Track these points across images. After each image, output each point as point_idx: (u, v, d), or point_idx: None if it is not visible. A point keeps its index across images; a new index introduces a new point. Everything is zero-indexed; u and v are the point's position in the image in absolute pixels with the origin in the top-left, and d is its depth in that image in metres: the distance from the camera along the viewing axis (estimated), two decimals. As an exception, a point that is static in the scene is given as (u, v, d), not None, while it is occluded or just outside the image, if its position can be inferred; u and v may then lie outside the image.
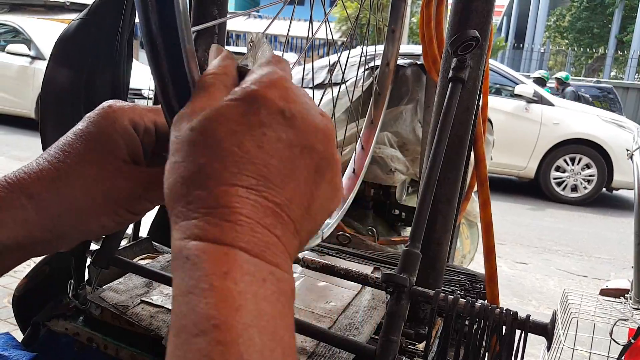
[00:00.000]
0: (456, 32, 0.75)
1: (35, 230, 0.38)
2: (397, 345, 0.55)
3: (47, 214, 0.38)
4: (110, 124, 0.41)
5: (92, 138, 0.40)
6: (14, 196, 0.37)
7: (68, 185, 0.38)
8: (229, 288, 0.25)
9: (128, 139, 0.41)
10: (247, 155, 0.28)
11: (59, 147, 0.40)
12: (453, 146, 0.78)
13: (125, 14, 0.76)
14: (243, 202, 0.27)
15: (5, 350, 0.72)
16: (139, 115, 0.43)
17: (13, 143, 6.62)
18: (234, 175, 0.28)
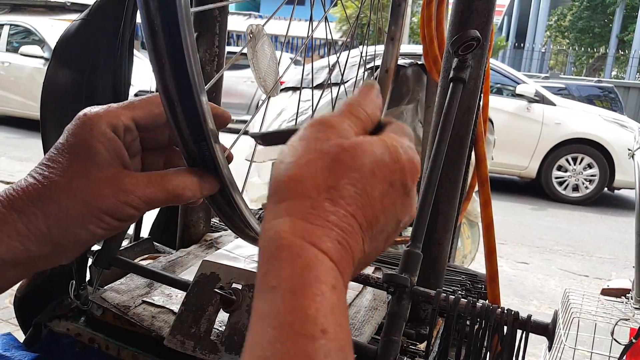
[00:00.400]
0: (457, 32, 0.75)
1: (30, 244, 0.39)
2: (399, 346, 0.55)
3: (37, 228, 0.39)
4: (88, 132, 0.41)
5: (72, 150, 0.41)
6: (6, 212, 0.39)
7: (52, 199, 0.40)
8: (334, 301, 0.29)
9: (108, 144, 0.42)
10: (371, 199, 0.34)
11: (43, 164, 0.42)
12: (454, 146, 0.78)
13: (126, 14, 0.76)
14: (355, 233, 0.33)
15: (7, 351, 0.72)
16: (115, 116, 0.43)
17: (14, 144, 6.63)
18: (357, 207, 0.33)
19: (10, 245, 0.38)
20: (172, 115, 0.39)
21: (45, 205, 0.40)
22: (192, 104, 0.38)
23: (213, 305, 0.64)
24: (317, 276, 0.29)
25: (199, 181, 0.43)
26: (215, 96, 0.87)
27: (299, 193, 0.33)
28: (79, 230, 0.40)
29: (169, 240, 0.97)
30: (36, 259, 0.40)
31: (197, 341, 0.63)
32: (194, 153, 0.42)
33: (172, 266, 0.85)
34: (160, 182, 0.42)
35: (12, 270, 0.40)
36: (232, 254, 0.86)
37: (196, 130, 0.40)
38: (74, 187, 0.40)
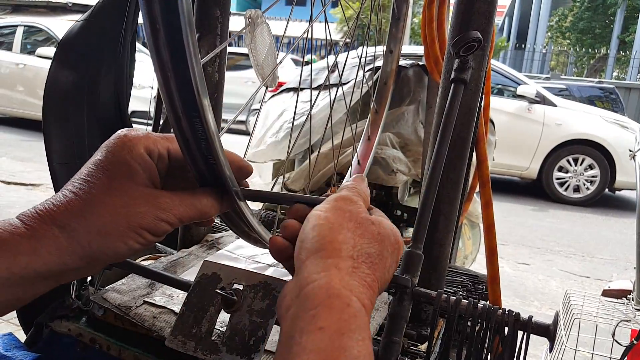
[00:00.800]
0: (458, 33, 0.76)
1: (67, 258, 0.41)
2: (400, 346, 0.55)
3: (78, 242, 0.41)
4: (128, 152, 0.44)
5: (111, 167, 0.44)
6: (47, 227, 0.40)
7: (95, 214, 0.42)
8: (370, 348, 0.35)
9: (145, 166, 0.45)
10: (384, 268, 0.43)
11: (82, 179, 0.44)
12: (455, 147, 0.78)
13: (127, 15, 0.76)
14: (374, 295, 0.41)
15: (9, 351, 0.72)
16: (153, 142, 0.46)
17: (15, 144, 6.63)
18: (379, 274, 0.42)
19: (48, 260, 0.40)
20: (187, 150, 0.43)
21: (88, 221, 0.41)
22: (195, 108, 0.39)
23: (214, 305, 0.64)
24: (360, 325, 0.35)
25: (220, 199, 0.48)
26: (216, 97, 0.87)
27: (342, 253, 0.40)
28: (119, 244, 0.43)
29: (170, 241, 0.97)
30: (69, 272, 0.42)
31: (198, 342, 0.63)
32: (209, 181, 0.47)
33: (174, 266, 0.85)
34: (192, 202, 0.46)
35: (43, 283, 0.41)
36: (233, 254, 0.87)
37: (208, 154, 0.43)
38: (116, 203, 0.42)
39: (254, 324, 0.61)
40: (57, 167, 0.75)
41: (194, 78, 0.38)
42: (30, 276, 0.40)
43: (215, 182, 0.46)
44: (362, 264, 0.41)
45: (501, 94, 6.55)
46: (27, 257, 0.39)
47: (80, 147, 0.76)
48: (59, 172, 0.76)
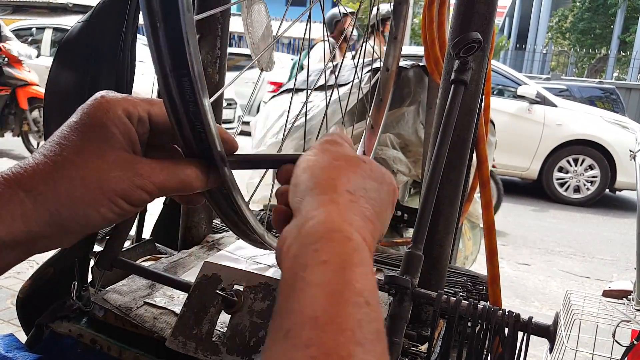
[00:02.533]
0: (458, 34, 0.76)
1: (34, 225, 0.38)
2: (400, 347, 0.55)
3: (45, 207, 0.38)
4: (104, 114, 0.41)
5: (86, 129, 0.40)
6: (12, 192, 0.37)
7: (65, 177, 0.38)
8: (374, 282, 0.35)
9: (123, 128, 0.41)
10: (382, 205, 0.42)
11: (54, 141, 0.40)
12: (455, 148, 0.78)
13: (128, 16, 0.76)
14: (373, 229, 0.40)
15: (10, 352, 0.72)
16: (132, 104, 0.43)
17: (16, 145, 6.63)
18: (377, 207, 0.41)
19: (12, 227, 0.37)
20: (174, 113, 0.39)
21: (57, 185, 0.38)
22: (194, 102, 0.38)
23: (215, 306, 0.64)
24: (363, 259, 0.34)
25: (206, 172, 0.44)
26: (217, 98, 0.88)
27: (339, 188, 0.39)
28: (90, 212, 0.39)
29: (170, 242, 0.97)
30: (37, 240, 0.39)
31: (199, 342, 0.63)
32: (196, 152, 0.43)
33: (174, 267, 0.85)
34: (174, 170, 0.42)
35: (11, 252, 0.38)
36: (233, 255, 0.87)
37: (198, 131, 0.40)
38: (89, 167, 0.39)
39: (254, 324, 0.61)
40: (58, 168, 0.75)
41: (203, 114, 0.38)
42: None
43: (202, 153, 0.43)
44: (360, 197, 0.40)
45: (501, 94, 6.54)
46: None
47: (81, 148, 0.76)
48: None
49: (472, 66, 0.68)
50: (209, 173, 0.44)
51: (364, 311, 0.31)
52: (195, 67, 0.36)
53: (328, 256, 0.33)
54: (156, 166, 0.42)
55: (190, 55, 0.36)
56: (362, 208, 0.39)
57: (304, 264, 0.34)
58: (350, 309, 0.31)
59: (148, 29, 0.35)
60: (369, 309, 0.32)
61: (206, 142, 0.41)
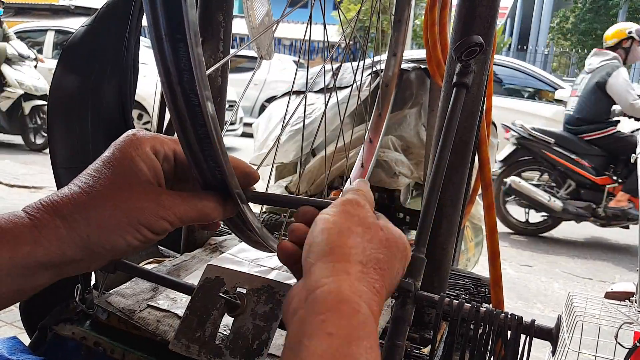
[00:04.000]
0: (460, 37, 0.76)
1: (67, 248, 0.41)
2: (403, 350, 0.55)
3: (78, 233, 0.42)
4: (134, 150, 0.45)
5: (118, 164, 0.44)
6: (49, 217, 0.41)
7: (97, 207, 0.42)
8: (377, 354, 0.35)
9: (149, 164, 0.45)
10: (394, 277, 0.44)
11: (88, 174, 0.44)
12: (457, 150, 0.78)
13: (131, 19, 0.76)
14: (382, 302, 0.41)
15: (13, 355, 0.73)
16: (160, 143, 0.47)
17: (18, 146, 6.65)
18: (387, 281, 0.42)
19: (49, 249, 0.41)
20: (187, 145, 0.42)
21: (88, 213, 0.42)
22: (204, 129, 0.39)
23: (218, 309, 0.65)
24: (369, 332, 0.36)
25: (223, 205, 0.48)
26: (220, 101, 0.88)
27: (352, 258, 0.40)
28: (117, 239, 0.43)
29: (173, 244, 0.97)
30: (68, 264, 0.42)
31: (202, 345, 0.63)
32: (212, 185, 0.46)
33: (177, 270, 0.85)
34: (194, 202, 0.46)
35: (44, 273, 0.42)
36: (236, 257, 0.87)
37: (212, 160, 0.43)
38: (118, 198, 0.43)
39: (257, 327, 0.62)
40: (62, 171, 0.76)
41: (198, 84, 0.38)
42: (32, 266, 0.41)
43: (219, 186, 0.46)
44: (371, 269, 0.41)
45: (536, 97, 6.31)
46: (29, 246, 0.40)
47: (84, 151, 0.76)
48: (63, 176, 0.76)
49: (473, 69, 0.68)
50: (225, 204, 0.48)
51: None
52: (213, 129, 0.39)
53: (334, 328, 0.34)
54: (178, 198, 0.46)
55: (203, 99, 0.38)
56: (372, 280, 0.40)
57: (309, 332, 0.35)
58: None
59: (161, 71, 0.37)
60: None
61: (221, 178, 0.44)
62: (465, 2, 0.77)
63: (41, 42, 7.66)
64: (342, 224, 0.43)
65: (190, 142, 0.41)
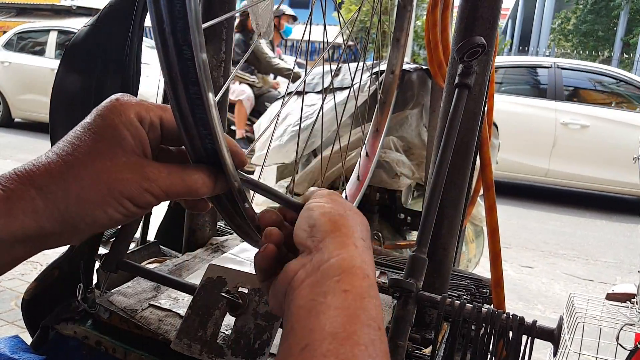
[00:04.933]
0: (462, 38, 0.76)
1: (44, 221, 0.39)
2: (404, 350, 0.55)
3: (55, 205, 0.39)
4: (117, 116, 0.42)
5: (99, 131, 0.41)
6: (24, 188, 0.39)
7: (75, 177, 0.39)
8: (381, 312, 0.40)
9: (134, 132, 0.42)
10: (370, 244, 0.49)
11: (67, 141, 0.41)
12: (459, 151, 0.78)
13: (134, 20, 0.77)
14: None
15: (15, 353, 0.73)
16: (145, 109, 0.44)
17: (19, 146, 6.66)
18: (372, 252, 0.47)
19: (24, 222, 0.38)
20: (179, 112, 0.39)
21: (67, 184, 0.39)
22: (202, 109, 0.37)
23: (219, 309, 0.65)
24: (376, 294, 0.41)
25: (214, 179, 0.44)
26: (222, 101, 0.88)
27: (355, 235, 0.45)
28: (98, 212, 0.40)
29: (175, 244, 0.98)
30: (47, 237, 0.40)
31: (204, 345, 0.63)
32: (203, 156, 0.43)
33: (179, 270, 0.85)
34: (181, 175, 0.43)
35: (21, 247, 0.39)
36: (238, 257, 0.87)
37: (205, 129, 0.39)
38: (98, 168, 0.40)
39: (259, 327, 0.62)
40: (64, 170, 0.76)
41: (207, 104, 0.37)
42: (7, 239, 0.38)
43: (210, 159, 0.43)
44: (368, 248, 0.46)
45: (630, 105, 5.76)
46: (3, 218, 0.38)
47: (86, 151, 0.76)
48: (66, 175, 0.76)
49: (475, 70, 0.69)
50: (216, 180, 0.44)
51: (377, 333, 0.37)
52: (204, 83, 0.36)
53: (349, 287, 0.40)
54: (164, 170, 0.42)
55: (199, 67, 0.35)
56: (370, 254, 0.46)
57: (324, 291, 0.40)
58: (366, 329, 0.37)
59: (158, 37, 0.35)
60: (380, 333, 0.38)
61: (212, 149, 0.41)
62: (467, 3, 0.77)
63: (43, 43, 7.67)
64: (337, 208, 0.47)
65: (181, 103, 0.37)
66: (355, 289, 0.40)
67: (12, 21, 10.15)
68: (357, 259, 0.43)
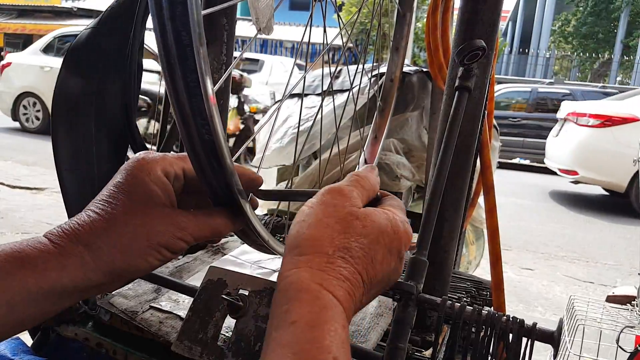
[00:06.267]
0: (462, 41, 0.76)
1: (92, 274, 0.43)
2: (404, 353, 0.55)
3: (102, 259, 0.44)
4: (147, 175, 0.47)
5: (132, 189, 0.46)
6: (73, 245, 0.43)
7: (117, 233, 0.44)
8: (344, 338, 0.36)
9: (162, 187, 0.47)
10: (374, 262, 0.43)
11: (104, 200, 0.46)
12: (459, 154, 0.79)
13: (135, 23, 0.77)
14: (360, 287, 0.41)
15: (16, 355, 0.73)
16: (170, 163, 0.49)
17: (20, 148, 6.67)
18: (363, 267, 0.41)
19: (75, 276, 0.43)
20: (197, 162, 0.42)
21: (110, 239, 0.44)
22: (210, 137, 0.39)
23: (220, 311, 0.65)
24: (332, 316, 0.36)
25: (232, 220, 0.50)
26: (222, 103, 0.88)
27: (317, 250, 0.40)
28: (139, 261, 0.45)
29: (175, 246, 0.98)
30: (92, 287, 0.44)
31: (204, 347, 0.63)
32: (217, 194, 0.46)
33: (179, 272, 0.85)
34: (206, 221, 0.48)
35: (68, 297, 0.44)
36: (238, 259, 0.87)
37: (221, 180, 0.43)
38: (137, 223, 0.45)
39: (259, 329, 0.62)
40: (65, 173, 0.76)
41: (204, 93, 0.37)
42: (58, 291, 0.42)
43: (227, 200, 0.47)
44: (338, 258, 0.41)
45: None
46: (55, 273, 0.42)
47: (87, 153, 0.77)
48: (67, 177, 0.76)
49: (476, 73, 0.69)
50: (235, 218, 0.49)
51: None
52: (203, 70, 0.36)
53: (297, 317, 0.36)
54: (192, 218, 0.48)
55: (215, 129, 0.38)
56: (339, 268, 0.40)
57: (276, 324, 0.37)
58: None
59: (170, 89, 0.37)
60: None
61: (209, 139, 0.41)
62: (468, 6, 0.77)
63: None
64: (316, 215, 0.43)
65: (178, 92, 0.37)
66: (303, 319, 0.35)
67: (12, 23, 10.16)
68: (306, 279, 0.38)
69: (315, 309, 0.36)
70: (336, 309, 0.37)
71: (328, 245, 0.41)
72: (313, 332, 0.35)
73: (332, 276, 0.39)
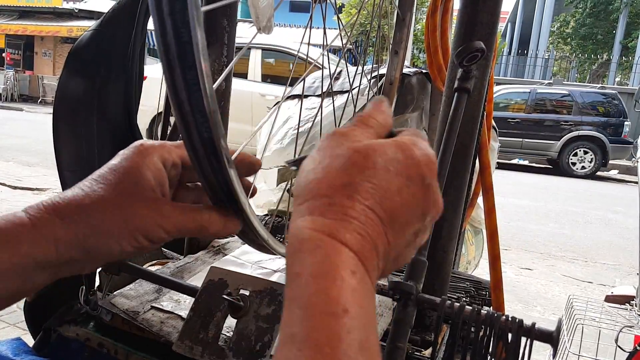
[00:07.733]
0: (462, 43, 0.77)
1: (63, 248, 0.42)
2: (404, 352, 0.55)
3: (75, 234, 0.42)
4: (141, 159, 0.46)
5: (123, 171, 0.45)
6: (48, 217, 0.42)
7: (96, 209, 0.43)
8: (354, 285, 0.32)
9: (156, 173, 0.46)
10: (388, 193, 0.37)
11: (93, 179, 0.45)
12: (458, 154, 0.79)
13: (137, 24, 0.77)
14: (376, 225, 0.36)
15: (18, 356, 0.73)
16: (168, 151, 0.48)
17: (22, 149, 6.67)
18: (375, 201, 0.36)
19: (46, 249, 0.41)
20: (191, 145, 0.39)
21: (88, 215, 0.43)
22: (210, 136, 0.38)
23: (221, 311, 0.65)
24: (336, 263, 0.33)
25: (224, 220, 0.47)
26: (223, 105, 0.89)
27: (316, 193, 0.36)
28: (112, 243, 0.44)
29: (177, 246, 0.98)
30: (64, 264, 0.43)
31: (205, 347, 0.64)
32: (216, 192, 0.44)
33: (181, 272, 0.86)
34: (192, 214, 0.46)
35: (41, 273, 0.42)
36: (239, 260, 0.87)
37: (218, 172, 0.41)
38: (118, 203, 0.44)
39: (260, 329, 0.62)
40: (67, 173, 0.77)
41: (204, 90, 0.38)
42: (30, 266, 0.41)
43: (227, 200, 0.45)
44: (342, 197, 0.36)
45: None
46: (27, 246, 0.41)
47: (89, 154, 0.77)
48: (69, 178, 0.77)
49: (475, 74, 0.69)
50: (227, 220, 0.47)
51: (342, 321, 0.30)
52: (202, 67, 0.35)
53: (300, 268, 0.33)
54: (178, 209, 0.46)
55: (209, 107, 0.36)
56: (343, 208, 0.35)
57: (287, 280, 0.34)
58: (325, 321, 0.30)
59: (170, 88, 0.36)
60: (347, 317, 0.30)
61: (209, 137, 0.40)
62: (467, 8, 0.77)
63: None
64: (314, 161, 0.39)
65: (178, 89, 0.37)
66: (307, 269, 0.33)
67: (14, 24, 10.17)
68: (307, 228, 0.34)
69: (318, 258, 0.33)
70: (341, 255, 0.33)
71: (327, 187, 0.36)
72: (317, 283, 0.32)
73: (336, 219, 0.35)
